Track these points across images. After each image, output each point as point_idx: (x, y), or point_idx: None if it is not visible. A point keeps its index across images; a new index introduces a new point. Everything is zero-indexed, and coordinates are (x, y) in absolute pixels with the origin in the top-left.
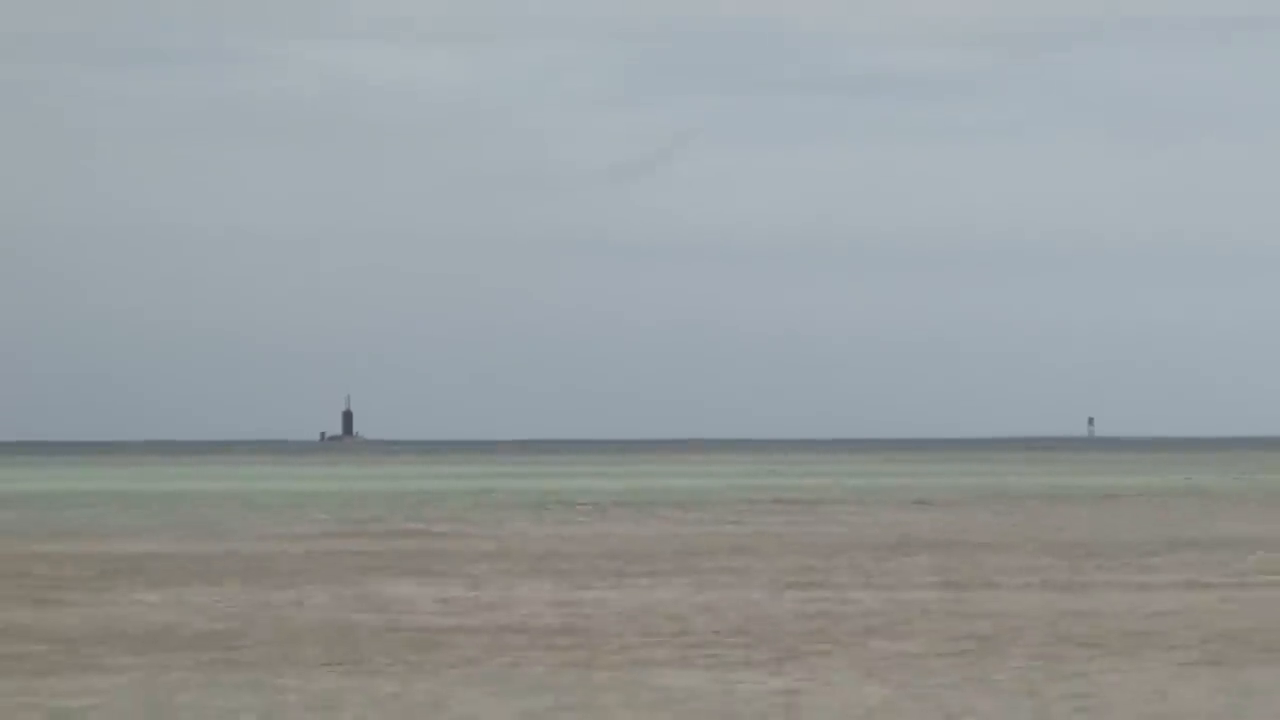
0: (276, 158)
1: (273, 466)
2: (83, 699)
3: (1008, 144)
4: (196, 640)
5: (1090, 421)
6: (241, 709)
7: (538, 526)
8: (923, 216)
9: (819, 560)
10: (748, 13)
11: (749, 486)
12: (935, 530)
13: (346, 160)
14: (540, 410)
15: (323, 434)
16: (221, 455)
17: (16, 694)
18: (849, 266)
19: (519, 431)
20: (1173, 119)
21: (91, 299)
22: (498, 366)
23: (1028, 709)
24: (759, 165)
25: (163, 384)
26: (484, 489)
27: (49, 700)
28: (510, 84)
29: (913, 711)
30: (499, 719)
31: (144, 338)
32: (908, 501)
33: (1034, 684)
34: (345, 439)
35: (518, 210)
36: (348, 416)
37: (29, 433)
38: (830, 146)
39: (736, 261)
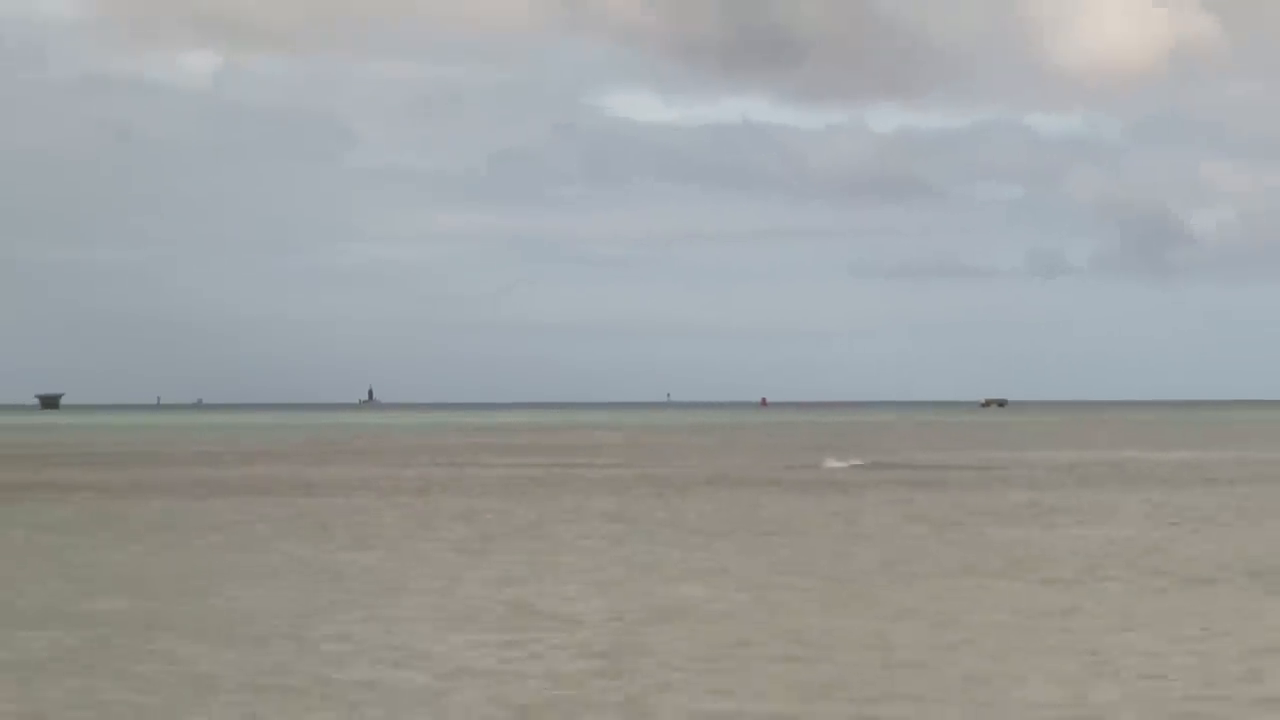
0: (345, 289)
1: (333, 415)
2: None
3: (647, 288)
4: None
5: (668, 395)
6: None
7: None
8: (606, 313)
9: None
10: (545, 231)
11: (542, 422)
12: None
13: (376, 292)
14: (468, 386)
15: (360, 400)
16: (311, 409)
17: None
18: (583, 335)
19: (464, 398)
20: (715, 278)
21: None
22: (449, 373)
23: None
24: (550, 293)
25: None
26: (412, 423)
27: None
28: (448, 260)
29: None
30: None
31: (281, 357)
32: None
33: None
34: (371, 402)
35: (452, 311)
36: (371, 391)
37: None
38: (575, 286)
39: (543, 332)
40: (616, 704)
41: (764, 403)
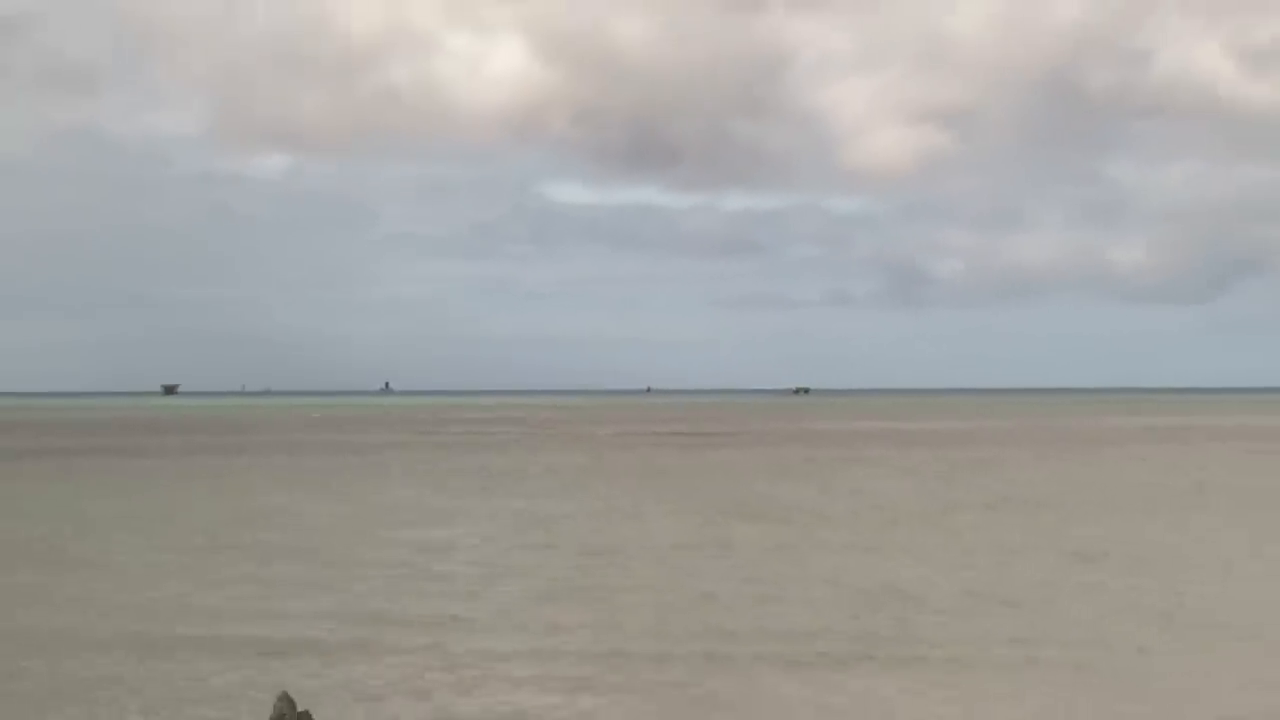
0: (371, 314)
1: (362, 399)
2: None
3: (572, 313)
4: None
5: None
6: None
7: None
8: (544, 330)
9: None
10: (505, 276)
11: (506, 403)
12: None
13: (391, 316)
14: (454, 380)
15: (380, 389)
16: (347, 394)
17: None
18: (528, 344)
19: (452, 387)
20: (617, 307)
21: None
22: (441, 370)
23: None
24: (506, 317)
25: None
26: (416, 404)
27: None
28: (440, 295)
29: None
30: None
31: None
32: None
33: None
34: (387, 390)
35: (442, 328)
36: (387, 382)
37: (286, 386)
38: (522, 313)
39: (501, 343)
40: (614, 587)
41: (648, 390)
